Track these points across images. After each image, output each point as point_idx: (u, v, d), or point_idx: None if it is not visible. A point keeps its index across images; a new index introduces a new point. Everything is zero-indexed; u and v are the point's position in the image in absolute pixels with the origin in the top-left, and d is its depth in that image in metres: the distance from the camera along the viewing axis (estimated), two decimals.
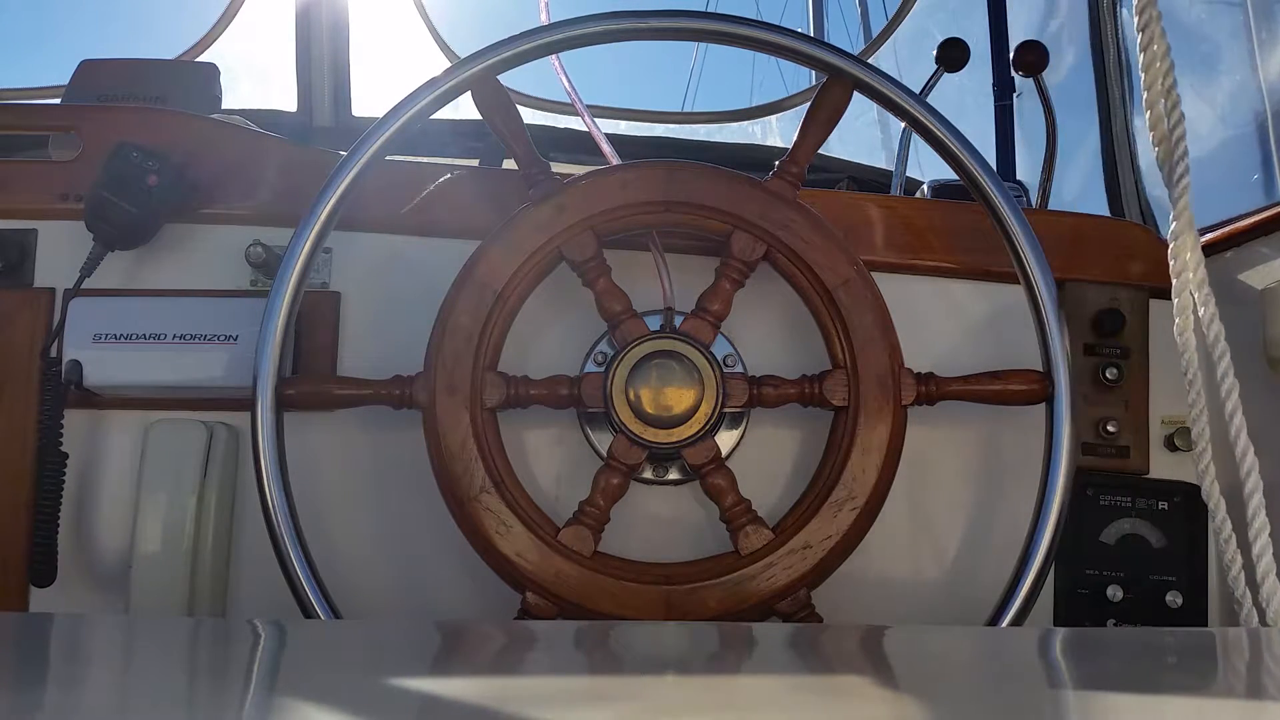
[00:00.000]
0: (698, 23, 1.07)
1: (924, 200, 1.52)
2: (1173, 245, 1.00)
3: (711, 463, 1.05)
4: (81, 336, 1.17)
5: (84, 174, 1.20)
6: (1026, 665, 0.69)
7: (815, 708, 0.53)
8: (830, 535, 1.02)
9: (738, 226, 1.05)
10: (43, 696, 0.53)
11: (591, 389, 1.04)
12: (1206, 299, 1.00)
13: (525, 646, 0.75)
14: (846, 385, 1.04)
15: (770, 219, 1.05)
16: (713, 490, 1.05)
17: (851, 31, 2.92)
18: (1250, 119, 1.43)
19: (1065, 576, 1.21)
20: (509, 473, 1.05)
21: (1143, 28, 0.97)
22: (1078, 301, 1.20)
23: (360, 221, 1.21)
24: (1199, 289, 1.01)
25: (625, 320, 1.06)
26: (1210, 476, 1.02)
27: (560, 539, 1.02)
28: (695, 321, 1.05)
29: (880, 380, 1.04)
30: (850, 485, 1.03)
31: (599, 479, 1.05)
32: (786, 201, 1.06)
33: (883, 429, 1.03)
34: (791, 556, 1.02)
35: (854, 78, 1.05)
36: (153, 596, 1.13)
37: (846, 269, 1.05)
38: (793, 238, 1.05)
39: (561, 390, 1.05)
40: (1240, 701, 0.55)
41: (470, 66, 1.04)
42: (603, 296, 1.06)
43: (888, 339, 1.05)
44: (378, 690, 0.54)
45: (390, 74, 1.97)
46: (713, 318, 1.06)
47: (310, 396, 1.04)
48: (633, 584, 1.02)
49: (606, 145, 1.27)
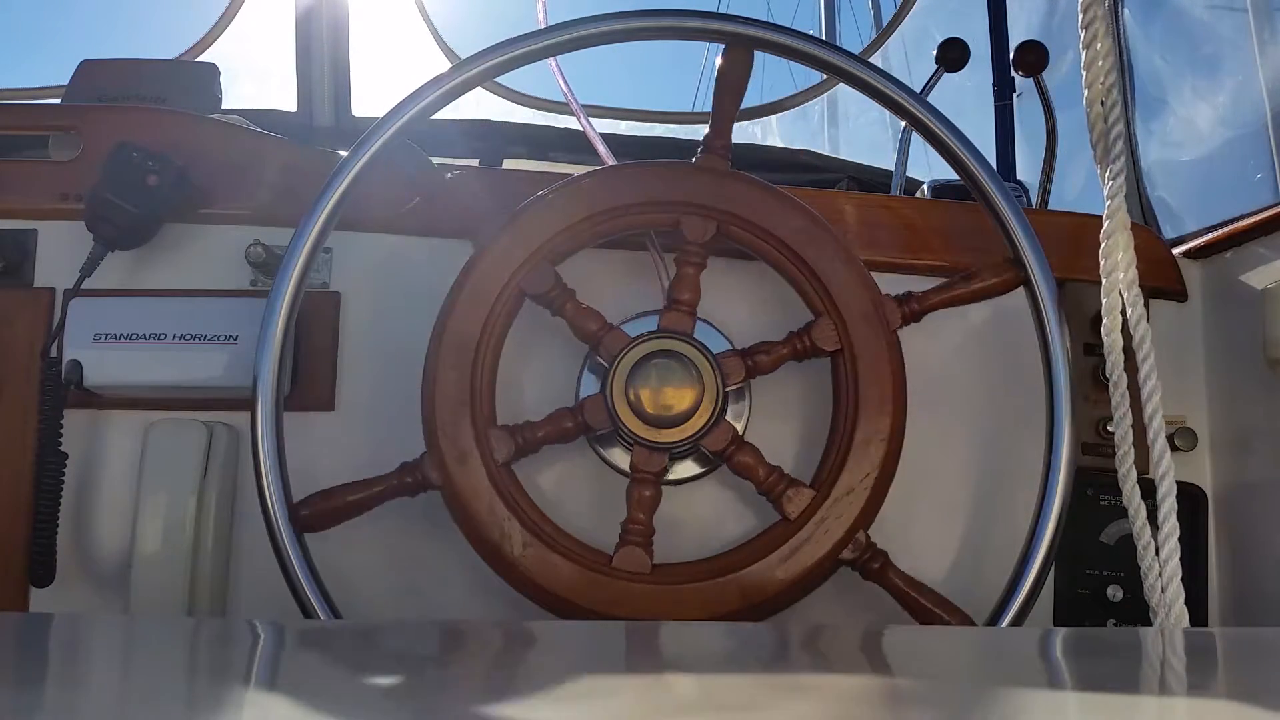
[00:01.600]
0: (711, 23, 1.07)
1: (924, 200, 1.52)
2: (1105, 244, 1.01)
3: (732, 444, 1.05)
4: (81, 336, 1.17)
5: (84, 174, 1.20)
6: (1026, 665, 0.69)
7: (815, 708, 0.53)
8: (869, 473, 1.03)
9: (684, 212, 1.06)
10: (43, 696, 0.53)
11: (595, 411, 1.04)
12: (1136, 300, 1.00)
13: (525, 647, 0.74)
14: (834, 328, 1.05)
15: (712, 195, 1.06)
16: (741, 468, 1.05)
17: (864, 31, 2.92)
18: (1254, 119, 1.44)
19: (1065, 576, 1.21)
20: (544, 520, 1.05)
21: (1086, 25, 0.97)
22: (1078, 301, 1.20)
23: (360, 221, 1.21)
24: (1129, 289, 1.02)
25: (605, 335, 1.05)
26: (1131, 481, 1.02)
27: (615, 565, 1.02)
28: (673, 315, 1.06)
29: (864, 314, 1.04)
30: (870, 421, 1.03)
31: (631, 494, 1.04)
32: (722, 174, 1.07)
33: (881, 359, 1.04)
34: (839, 505, 1.03)
35: (854, 77, 1.05)
36: (152, 596, 1.13)
37: (798, 218, 1.06)
38: (739, 206, 1.06)
39: (566, 424, 1.05)
40: (1240, 702, 0.55)
41: (471, 67, 1.04)
42: (575, 320, 1.06)
43: (858, 273, 1.05)
44: (378, 690, 0.54)
45: (390, 74, 1.97)
46: (687, 306, 1.06)
47: (325, 515, 1.03)
48: (701, 584, 1.02)
49: (601, 146, 1.27)
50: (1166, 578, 0.96)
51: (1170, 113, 1.61)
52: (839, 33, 3.15)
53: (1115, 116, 1.03)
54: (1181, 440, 1.22)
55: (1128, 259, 1.01)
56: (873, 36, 2.71)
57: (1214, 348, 1.26)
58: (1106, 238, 1.01)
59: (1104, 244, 1.00)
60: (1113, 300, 1.03)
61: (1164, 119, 1.61)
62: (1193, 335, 1.27)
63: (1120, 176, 1.03)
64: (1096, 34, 0.97)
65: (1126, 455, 1.02)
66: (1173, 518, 0.97)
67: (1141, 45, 1.60)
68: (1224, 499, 1.23)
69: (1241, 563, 1.22)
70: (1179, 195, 1.51)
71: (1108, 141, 1.03)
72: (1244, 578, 1.21)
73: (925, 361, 1.16)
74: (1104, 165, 1.07)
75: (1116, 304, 1.03)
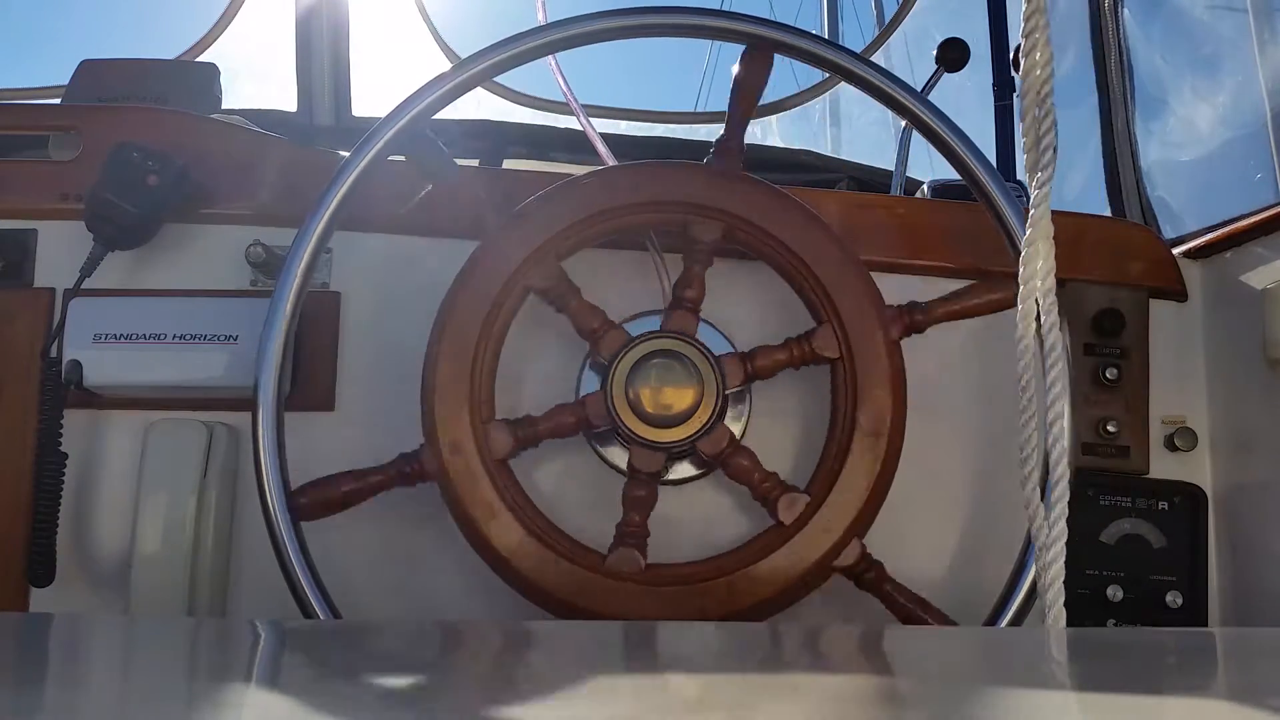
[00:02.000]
0: (712, 20, 1.07)
1: (924, 200, 1.52)
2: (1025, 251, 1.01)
3: (729, 447, 1.05)
4: (81, 336, 1.17)
5: (84, 174, 1.20)
6: (1026, 665, 0.69)
7: (814, 708, 0.53)
8: (863, 482, 1.02)
9: (691, 214, 1.06)
10: (43, 696, 0.53)
11: (595, 407, 1.04)
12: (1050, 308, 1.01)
13: (525, 647, 0.74)
14: (835, 337, 1.04)
15: (720, 197, 1.06)
16: (737, 472, 1.05)
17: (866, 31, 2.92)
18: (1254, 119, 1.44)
19: (1066, 576, 1.21)
20: (539, 516, 1.05)
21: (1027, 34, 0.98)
22: (1078, 301, 1.20)
23: (360, 221, 1.21)
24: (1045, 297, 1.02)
25: (605, 333, 1.05)
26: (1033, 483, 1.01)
27: (608, 565, 1.02)
28: (679, 313, 1.06)
29: (866, 324, 1.04)
30: (866, 430, 1.03)
31: (627, 494, 1.04)
32: (732, 177, 1.07)
33: (880, 370, 1.03)
34: (833, 511, 1.02)
35: (856, 76, 1.05)
36: (152, 596, 1.13)
37: (805, 224, 1.06)
38: (746, 209, 1.06)
39: (566, 418, 1.05)
40: (1240, 702, 0.55)
41: (471, 66, 1.04)
42: (577, 316, 1.06)
43: (862, 281, 1.05)
44: (378, 690, 0.54)
45: (390, 74, 1.97)
46: (691, 303, 1.06)
47: (322, 504, 1.03)
48: (692, 585, 1.02)
49: (601, 146, 1.27)
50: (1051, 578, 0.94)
51: (1170, 113, 1.61)
52: (842, 32, 3.15)
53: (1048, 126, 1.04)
54: (1181, 440, 1.22)
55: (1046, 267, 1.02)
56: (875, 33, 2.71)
57: (1214, 348, 1.26)
58: (1028, 245, 1.01)
59: (1025, 250, 1.01)
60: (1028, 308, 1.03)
61: (1164, 119, 1.61)
62: (1193, 335, 1.27)
63: (1046, 186, 1.04)
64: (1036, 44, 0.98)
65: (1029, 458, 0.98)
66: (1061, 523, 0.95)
67: (1142, 45, 1.60)
68: (1224, 499, 1.23)
69: (1241, 563, 1.22)
70: (1179, 195, 1.51)
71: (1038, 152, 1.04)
72: (1244, 578, 1.21)
73: (925, 361, 1.16)
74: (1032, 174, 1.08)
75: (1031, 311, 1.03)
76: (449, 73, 1.04)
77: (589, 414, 1.04)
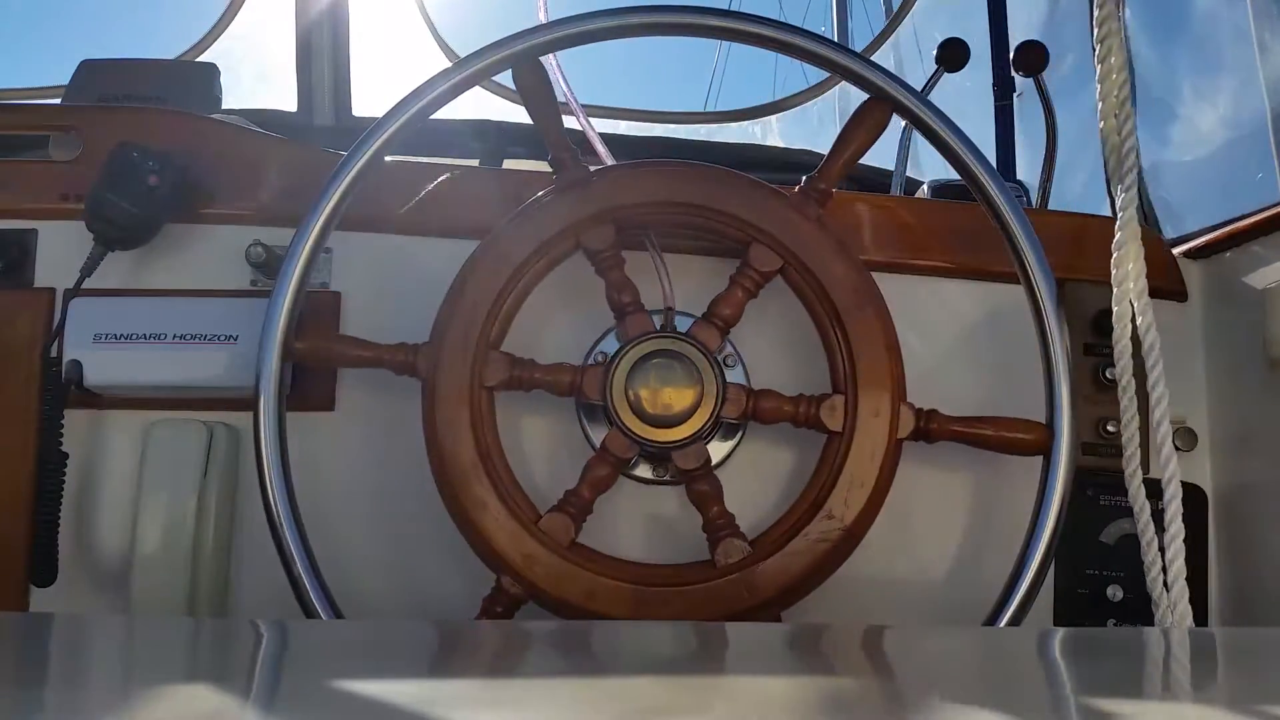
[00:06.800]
0: (713, 19, 1.06)
1: (924, 200, 1.52)
2: (1117, 255, 1.02)
3: (700, 469, 1.04)
4: (82, 336, 1.17)
5: (84, 174, 1.20)
6: (1026, 665, 0.69)
7: (813, 708, 0.53)
8: (806, 562, 1.01)
9: (757, 238, 1.05)
10: (43, 696, 0.53)
11: (593, 381, 1.04)
12: (1145, 309, 1.02)
13: (526, 647, 0.75)
14: (844, 412, 1.03)
15: (790, 234, 1.05)
16: (697, 497, 1.05)
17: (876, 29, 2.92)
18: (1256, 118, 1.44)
19: (1065, 576, 1.21)
20: (499, 453, 1.05)
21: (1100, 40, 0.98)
22: (1078, 301, 1.20)
23: (360, 221, 1.21)
24: (1139, 298, 1.03)
25: (632, 313, 1.06)
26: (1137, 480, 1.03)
27: (541, 525, 1.02)
28: (704, 325, 1.05)
29: (878, 411, 1.02)
30: (834, 514, 1.01)
31: (588, 469, 1.04)
32: (808, 218, 1.05)
33: (874, 462, 1.02)
34: (764, 577, 1.01)
35: (856, 75, 1.05)
36: (153, 596, 1.14)
37: (860, 295, 1.04)
38: (810, 256, 1.04)
39: (564, 378, 1.05)
40: (1240, 701, 0.55)
41: (471, 65, 1.04)
42: (613, 287, 1.06)
43: (892, 370, 1.03)
44: (379, 690, 0.54)
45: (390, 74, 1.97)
46: (722, 323, 1.05)
47: (316, 351, 1.04)
48: (604, 579, 1.02)
49: (601, 146, 1.27)
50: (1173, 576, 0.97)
51: (1170, 113, 1.61)
52: (851, 32, 3.15)
53: (1128, 130, 1.03)
54: (1181, 440, 1.22)
55: (1138, 269, 1.03)
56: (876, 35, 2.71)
57: (1214, 348, 1.26)
58: (1118, 249, 1.02)
59: (1116, 254, 1.02)
60: (1123, 309, 1.04)
61: (1164, 119, 1.61)
62: (1193, 335, 1.27)
63: (1132, 190, 1.05)
64: (1111, 49, 0.98)
65: (1133, 458, 1.03)
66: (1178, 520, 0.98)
67: (1142, 45, 1.60)
68: (1224, 499, 1.24)
69: (1241, 563, 1.22)
70: (1179, 195, 1.51)
71: (1120, 155, 1.04)
72: (1244, 577, 1.21)
73: (925, 361, 1.16)
74: (1116, 179, 1.08)
75: (1127, 312, 1.05)
76: (448, 72, 1.04)
77: (585, 383, 1.04)
